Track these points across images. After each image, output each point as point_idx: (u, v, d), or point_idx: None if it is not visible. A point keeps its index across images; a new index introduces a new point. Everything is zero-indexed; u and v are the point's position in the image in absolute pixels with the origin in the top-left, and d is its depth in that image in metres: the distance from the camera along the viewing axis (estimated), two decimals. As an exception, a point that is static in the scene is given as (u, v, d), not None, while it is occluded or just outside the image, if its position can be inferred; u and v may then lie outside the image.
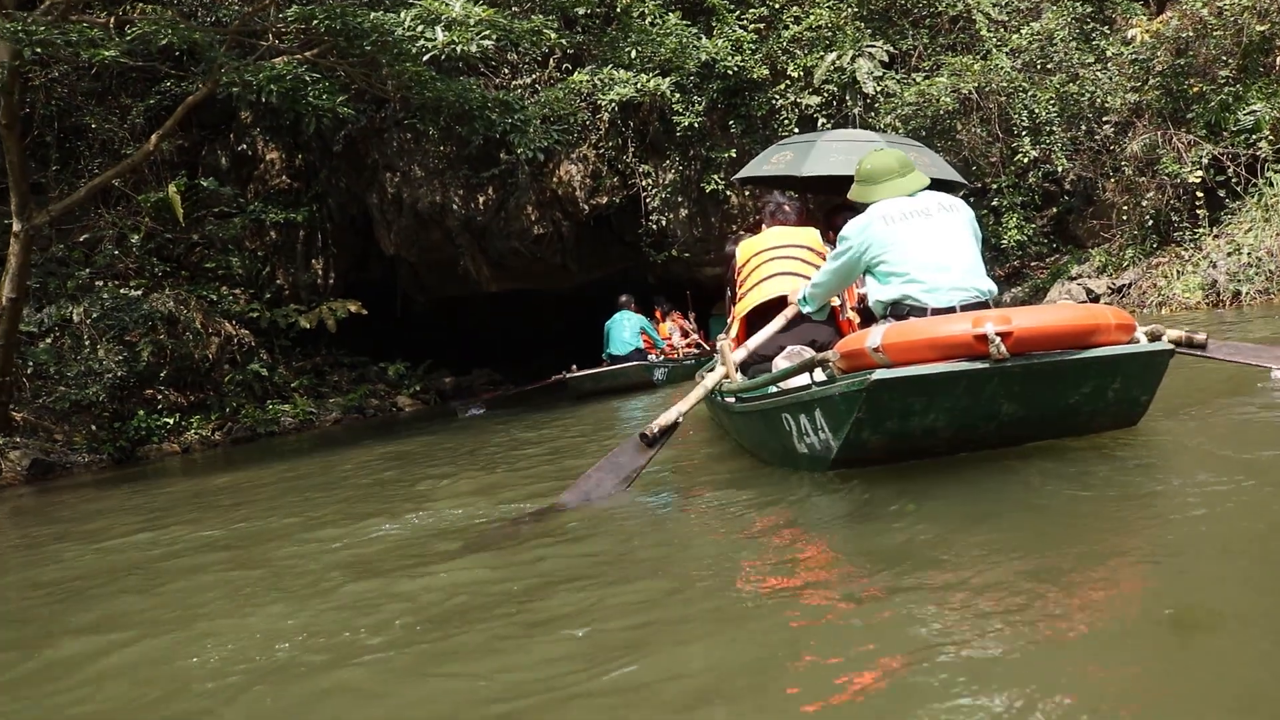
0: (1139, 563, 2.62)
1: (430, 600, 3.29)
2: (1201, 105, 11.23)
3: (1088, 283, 12.21)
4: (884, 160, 4.59)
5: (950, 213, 4.41)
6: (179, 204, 15.70)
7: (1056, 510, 3.17)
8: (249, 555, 4.86)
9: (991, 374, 3.58)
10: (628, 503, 4.47)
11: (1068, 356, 3.63)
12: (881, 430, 3.81)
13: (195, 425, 15.42)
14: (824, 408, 3.91)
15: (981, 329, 3.51)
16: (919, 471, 3.86)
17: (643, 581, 3.13)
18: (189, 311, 16.18)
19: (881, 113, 13.72)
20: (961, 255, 4.30)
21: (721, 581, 3.03)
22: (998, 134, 12.98)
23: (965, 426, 3.81)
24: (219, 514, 6.76)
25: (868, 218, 4.46)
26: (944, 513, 3.32)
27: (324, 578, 3.91)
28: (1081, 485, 3.41)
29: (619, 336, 15.34)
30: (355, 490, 7.23)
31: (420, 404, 19.21)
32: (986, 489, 3.56)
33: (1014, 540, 2.92)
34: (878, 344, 3.69)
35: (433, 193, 17.85)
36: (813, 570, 3.03)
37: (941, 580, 2.59)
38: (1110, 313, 3.80)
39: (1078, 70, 12.74)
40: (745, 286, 5.70)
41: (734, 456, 5.48)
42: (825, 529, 3.57)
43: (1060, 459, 3.77)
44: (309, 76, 10.24)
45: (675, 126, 15.40)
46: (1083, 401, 3.80)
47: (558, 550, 3.73)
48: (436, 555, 4.02)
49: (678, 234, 16.77)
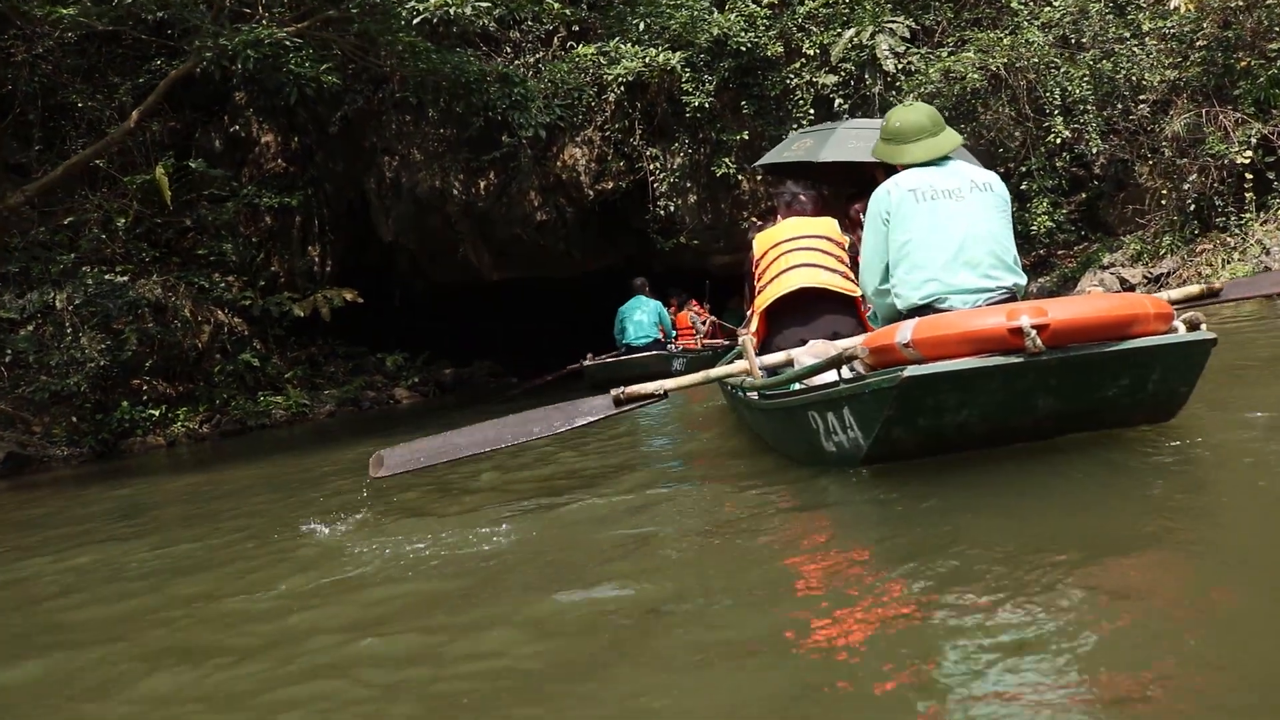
0: (1180, 559, 2.59)
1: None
2: (1249, 81, 10.55)
3: (1122, 272, 11.57)
4: (915, 116, 4.28)
5: (984, 193, 4.17)
6: (167, 186, 15.08)
7: (1093, 505, 3.13)
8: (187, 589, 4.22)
9: (1026, 368, 3.47)
10: (648, 496, 4.42)
11: (1106, 349, 3.52)
12: (913, 427, 3.70)
13: (182, 417, 14.79)
14: (853, 406, 3.79)
15: (1016, 322, 3.40)
16: (950, 466, 3.75)
17: (669, 580, 3.06)
18: (178, 299, 15.56)
19: (904, 91, 13.03)
20: (991, 248, 4.10)
21: (750, 583, 2.93)
22: (1028, 113, 12.25)
23: (999, 421, 3.70)
24: (179, 526, 6.16)
25: (899, 187, 4.19)
26: (976, 508, 3.30)
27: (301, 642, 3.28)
28: (1119, 480, 3.39)
29: (636, 324, 14.58)
30: (334, 498, 6.58)
31: (419, 396, 18.57)
32: (1019, 483, 3.52)
33: (1051, 536, 2.87)
34: (908, 339, 3.57)
35: (432, 177, 17.26)
36: (845, 568, 2.96)
37: (976, 576, 2.55)
38: (1149, 301, 3.67)
39: (1113, 46, 12.00)
40: (764, 280, 5.56)
41: (754, 452, 5.32)
42: (855, 526, 3.52)
43: (1095, 453, 3.68)
44: (290, 42, 9.55)
45: (685, 107, 14.74)
46: (1120, 394, 3.67)
47: (577, 540, 3.75)
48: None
49: (686, 220, 16.18)
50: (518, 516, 4.38)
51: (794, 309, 5.35)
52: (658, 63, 14.01)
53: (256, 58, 9.36)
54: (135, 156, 16.42)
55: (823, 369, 4.06)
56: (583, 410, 4.66)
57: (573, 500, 4.58)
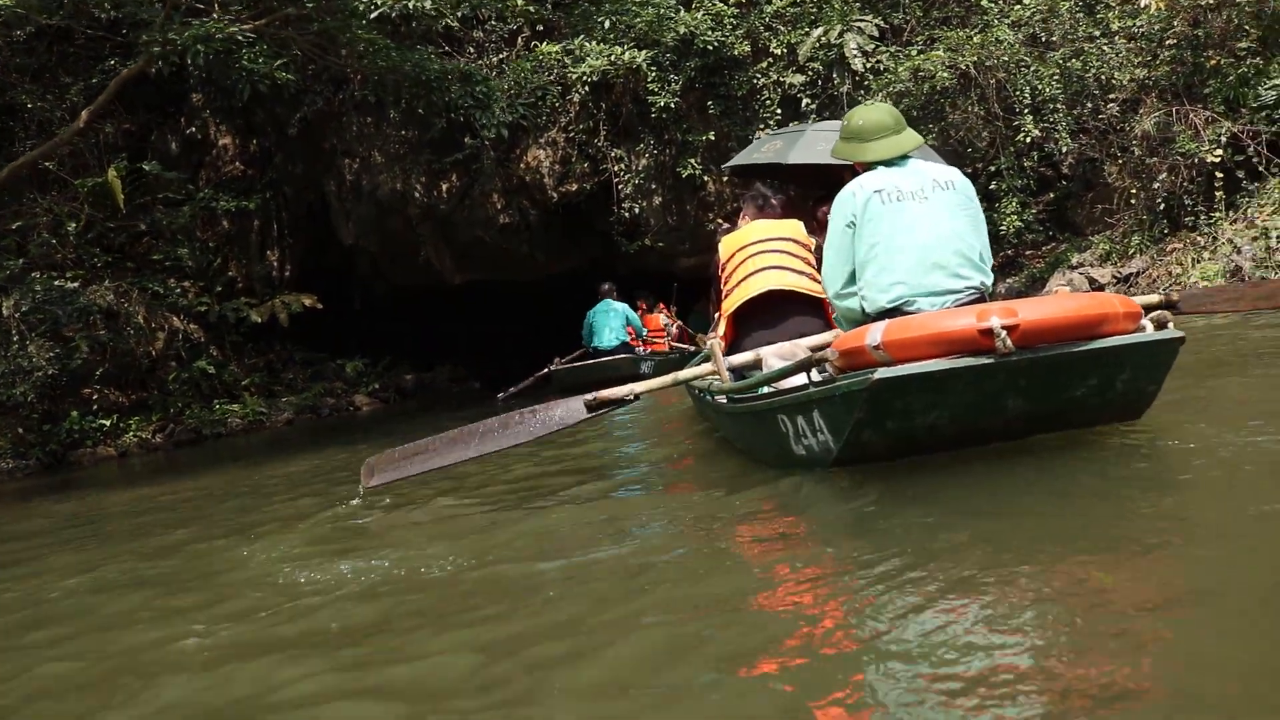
0: (1150, 558, 2.60)
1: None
2: (1219, 80, 10.42)
3: (1090, 271, 11.42)
4: (876, 115, 4.29)
5: (947, 191, 4.14)
6: (119, 189, 14.70)
7: (1062, 505, 3.15)
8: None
9: (996, 369, 3.48)
10: (620, 502, 4.42)
11: (1075, 348, 3.53)
12: (883, 430, 3.71)
13: (134, 427, 14.39)
14: (823, 409, 3.80)
15: (986, 323, 3.41)
16: (919, 467, 3.77)
17: (632, 587, 3.04)
18: (131, 305, 15.17)
19: (872, 91, 12.85)
20: (957, 247, 4.07)
21: (717, 587, 2.92)
22: (997, 112, 12.09)
23: (969, 423, 3.71)
24: (119, 541, 5.85)
25: (864, 189, 4.15)
26: (943, 508, 3.31)
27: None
28: (1087, 479, 3.42)
29: (604, 328, 14.37)
30: (269, 514, 6.28)
31: (379, 403, 18.19)
32: (989, 484, 3.54)
33: (1021, 536, 2.90)
34: (878, 341, 3.57)
35: (393, 179, 16.94)
36: (814, 570, 2.97)
37: (941, 575, 2.57)
38: (1118, 301, 3.69)
39: (1082, 45, 11.87)
40: (731, 283, 5.53)
41: (724, 454, 5.32)
42: (824, 528, 3.53)
43: (1063, 453, 3.72)
44: (243, 37, 9.22)
45: (650, 108, 14.51)
46: (1089, 394, 3.69)
47: (545, 549, 3.70)
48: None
49: (651, 222, 15.96)
50: (484, 527, 4.30)
51: (762, 312, 5.32)
52: (623, 61, 13.76)
53: (208, 53, 9.00)
54: (87, 159, 16.01)
55: (792, 372, 4.10)
56: (557, 416, 4.68)
57: (538, 508, 4.52)
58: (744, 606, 2.71)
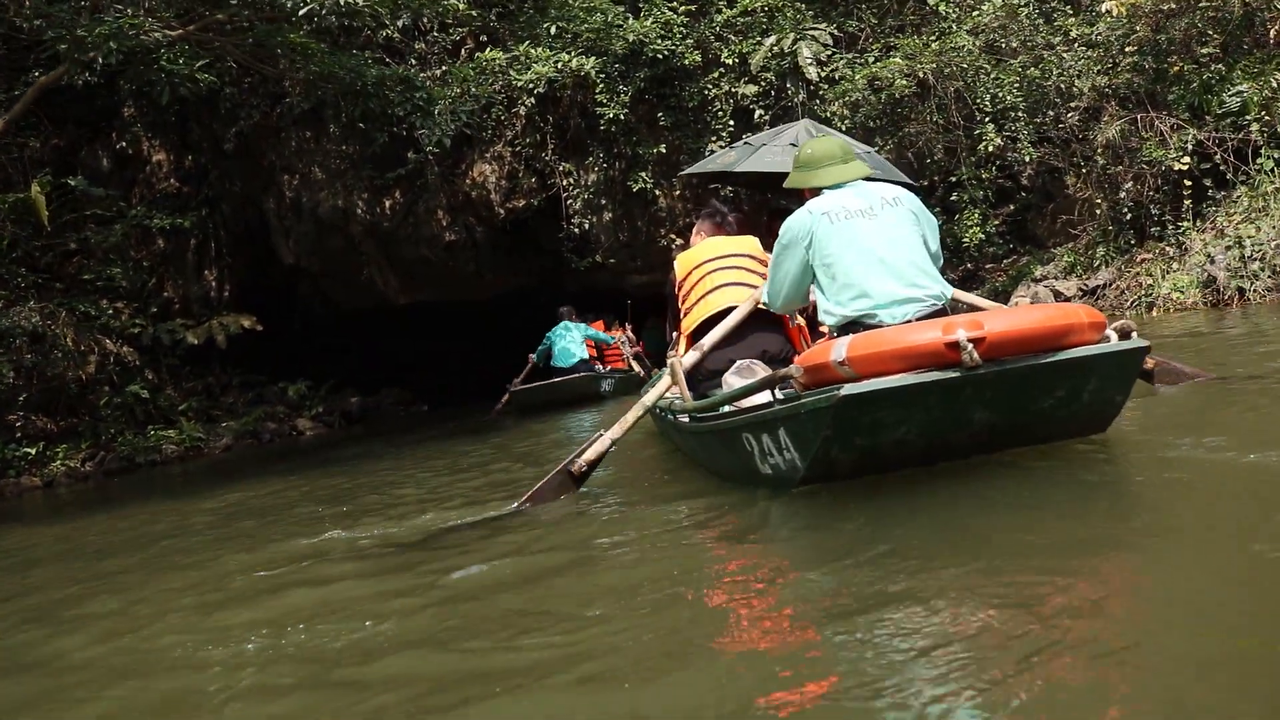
0: (1114, 566, 2.63)
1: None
2: (1182, 86, 10.16)
3: (1056, 284, 11.13)
4: (825, 146, 4.42)
5: (895, 207, 4.21)
6: (44, 206, 14.03)
7: (1029, 520, 3.13)
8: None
9: (964, 383, 3.45)
10: (578, 525, 4.27)
11: (1042, 360, 3.50)
12: (851, 447, 3.66)
13: (61, 455, 13.69)
14: (788, 426, 3.74)
15: (953, 336, 3.38)
16: (886, 483, 3.75)
17: (594, 611, 2.94)
18: (58, 326, 14.47)
19: (828, 100, 12.51)
20: (911, 258, 4.11)
21: (680, 610, 2.84)
22: (958, 121, 11.76)
23: (937, 437, 3.68)
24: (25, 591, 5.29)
25: (809, 212, 4.25)
26: (913, 524, 3.28)
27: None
28: (1054, 492, 3.44)
29: (564, 347, 14.27)
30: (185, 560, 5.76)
31: (323, 427, 17.56)
32: (954, 498, 3.50)
33: (986, 549, 2.88)
34: (843, 357, 3.53)
35: (334, 196, 16.47)
36: (779, 590, 2.94)
37: (916, 590, 2.55)
38: (1083, 311, 3.67)
39: (1041, 52, 11.58)
40: (689, 301, 5.49)
41: (687, 472, 5.28)
42: (788, 546, 3.52)
43: (1030, 466, 3.72)
44: (161, 36, 8.68)
45: (599, 120, 14.10)
46: (1056, 406, 3.68)
47: (499, 578, 3.55)
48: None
49: (601, 239, 15.59)
50: (428, 563, 4.02)
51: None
52: (571, 69, 13.34)
53: (121, 52, 8.43)
54: (11, 174, 15.37)
55: (755, 390, 4.02)
56: (545, 495, 4.73)
57: (496, 531, 4.40)
58: (718, 632, 2.63)
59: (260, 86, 15.89)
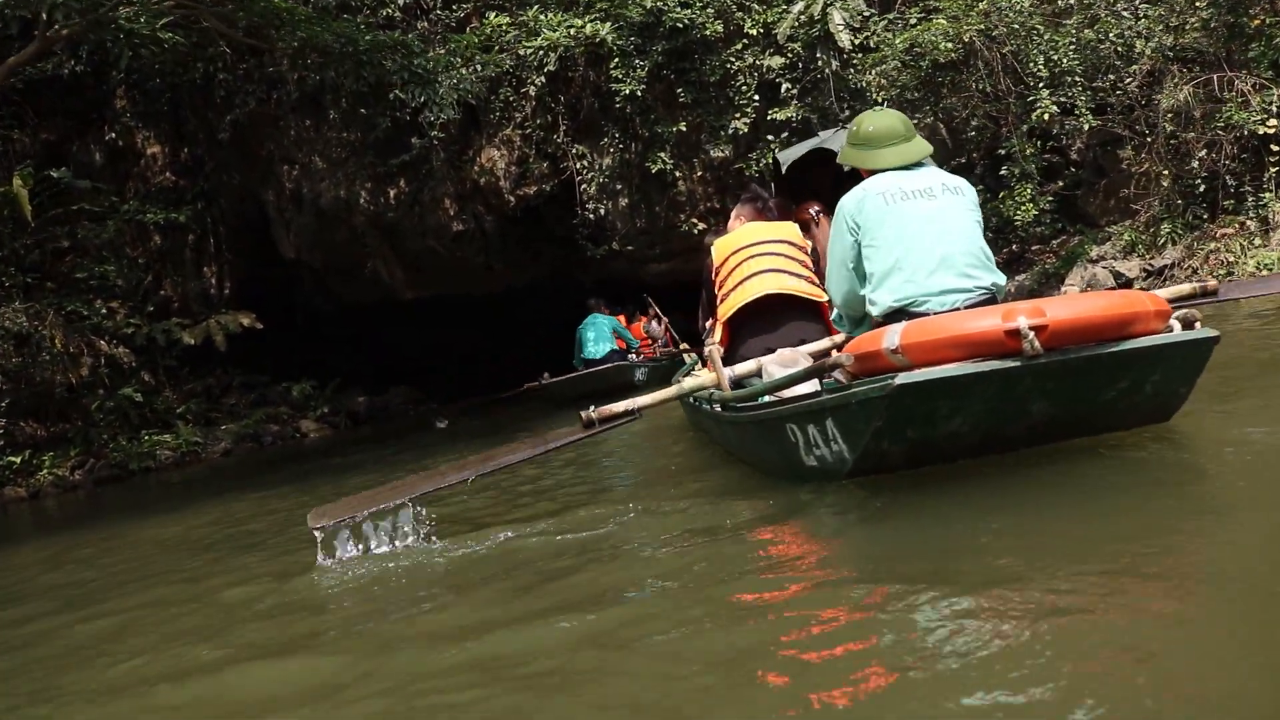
0: (1177, 561, 2.50)
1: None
2: (1264, 43, 9.20)
3: (1115, 265, 10.22)
4: (887, 120, 4.20)
5: (956, 195, 4.02)
6: (26, 200, 13.26)
7: (1087, 514, 2.95)
8: None
9: (1024, 372, 3.31)
10: (619, 520, 4.13)
11: (1106, 350, 3.36)
12: (903, 438, 3.53)
13: (48, 464, 12.91)
14: (837, 417, 3.61)
15: (1013, 323, 3.24)
16: (935, 476, 3.58)
17: (639, 606, 2.89)
18: (45, 328, 13.71)
19: (863, 69, 11.57)
20: (967, 247, 3.93)
21: (732, 613, 2.67)
22: (1009, 86, 10.78)
23: (991, 429, 3.54)
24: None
25: (867, 192, 4.03)
26: (965, 518, 3.14)
27: None
28: (1112, 485, 3.25)
29: (592, 340, 14.00)
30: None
31: (329, 429, 16.82)
32: (1008, 491, 3.37)
33: (1037, 547, 2.75)
34: (896, 344, 3.42)
35: (336, 186, 15.73)
36: (825, 585, 2.80)
37: (970, 588, 2.44)
38: (1148, 298, 3.53)
39: (1099, 11, 10.59)
40: (726, 288, 5.34)
41: (724, 466, 5.16)
42: (838, 541, 3.37)
43: (1086, 457, 3.52)
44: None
45: (614, 97, 13.21)
46: (1118, 397, 3.53)
47: (542, 565, 3.51)
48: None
49: (618, 225, 14.79)
50: (463, 566, 3.84)
51: (759, 317, 5.16)
52: (584, 35, 12.44)
53: (74, 8, 7.60)
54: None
55: (801, 379, 3.95)
56: (550, 439, 4.57)
57: (532, 524, 4.31)
58: (776, 638, 2.42)
59: (256, 71, 15.14)
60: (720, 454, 5.44)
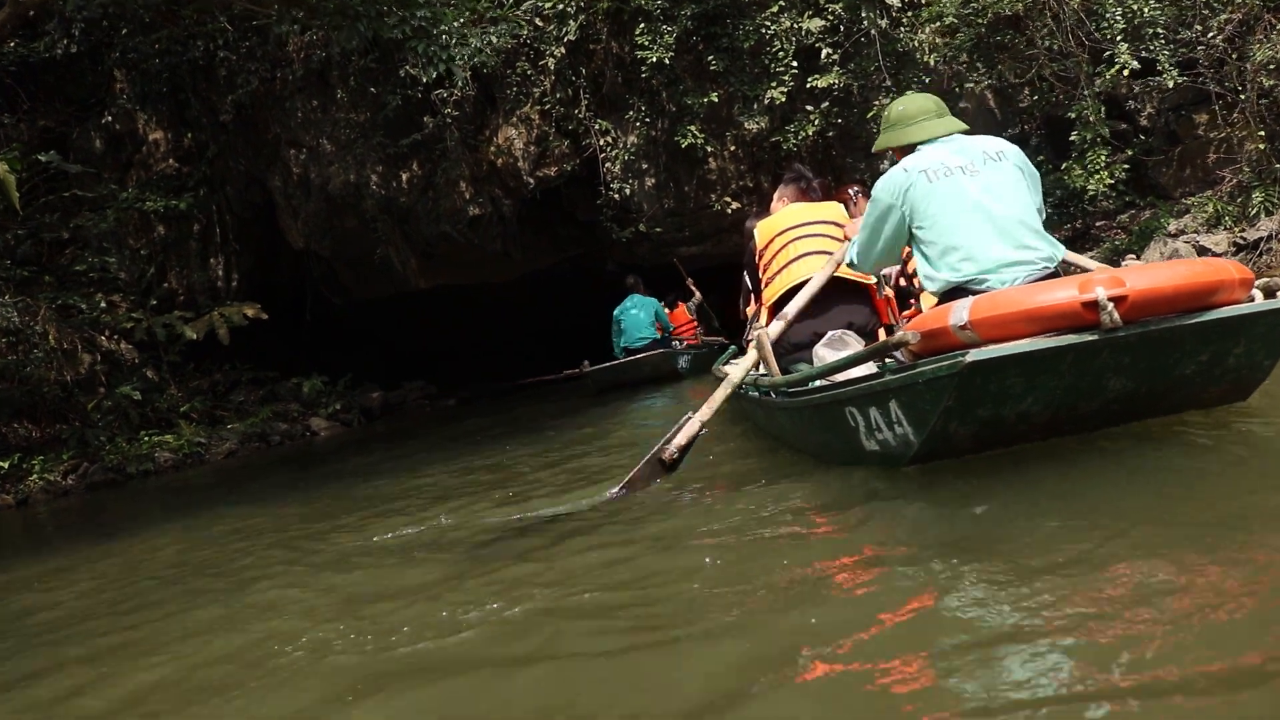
0: (1255, 549, 2.42)
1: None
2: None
3: (1200, 239, 9.28)
4: (917, 101, 4.18)
5: (999, 162, 3.91)
6: (13, 186, 12.42)
7: (1166, 502, 2.91)
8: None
9: (1102, 346, 3.18)
10: (676, 512, 4.06)
11: (1189, 320, 3.22)
12: (973, 419, 3.38)
13: (38, 468, 12.11)
14: (901, 398, 3.47)
15: (1091, 295, 3.11)
16: (1003, 458, 3.50)
17: (703, 597, 2.82)
18: (39, 323, 12.95)
19: (914, 29, 10.59)
20: (1020, 216, 3.79)
21: (798, 610, 2.59)
22: (1081, 40, 9.74)
23: (1065, 407, 3.40)
24: None
25: (905, 170, 3.95)
26: (1039, 502, 3.08)
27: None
28: (1193, 468, 3.22)
29: (634, 326, 13.47)
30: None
31: (341, 426, 16.00)
32: (1082, 473, 3.28)
33: (1113, 533, 2.65)
34: (964, 320, 3.32)
35: (345, 170, 14.91)
36: (889, 571, 2.79)
37: (1047, 580, 2.36)
38: (1232, 266, 3.37)
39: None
40: (770, 271, 5.39)
41: (775, 454, 5.09)
42: (906, 530, 3.23)
43: (1163, 439, 3.45)
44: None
45: (640, 66, 12.28)
46: (1199, 371, 3.39)
47: (600, 557, 3.47)
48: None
49: (644, 206, 13.92)
50: (518, 555, 3.82)
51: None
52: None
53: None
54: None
55: (862, 359, 3.89)
56: (638, 483, 4.50)
57: (584, 523, 4.20)
58: (839, 635, 2.30)
59: (259, 49, 14.34)
60: (765, 441, 5.42)
